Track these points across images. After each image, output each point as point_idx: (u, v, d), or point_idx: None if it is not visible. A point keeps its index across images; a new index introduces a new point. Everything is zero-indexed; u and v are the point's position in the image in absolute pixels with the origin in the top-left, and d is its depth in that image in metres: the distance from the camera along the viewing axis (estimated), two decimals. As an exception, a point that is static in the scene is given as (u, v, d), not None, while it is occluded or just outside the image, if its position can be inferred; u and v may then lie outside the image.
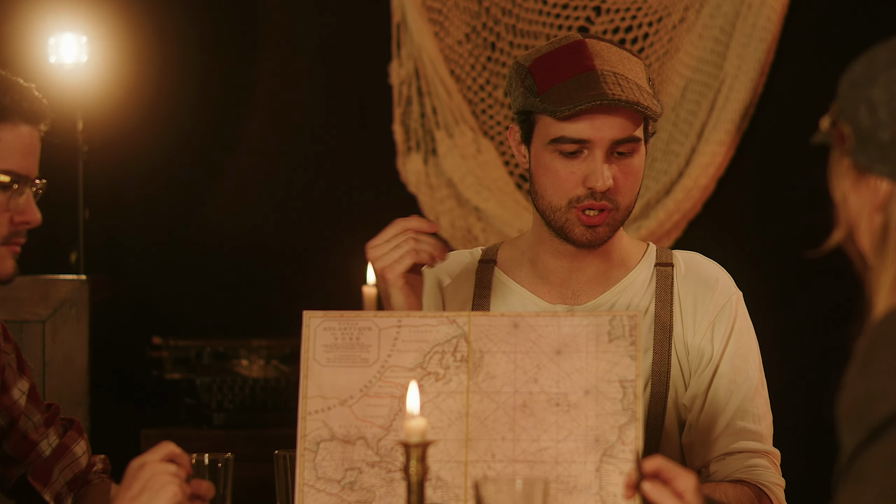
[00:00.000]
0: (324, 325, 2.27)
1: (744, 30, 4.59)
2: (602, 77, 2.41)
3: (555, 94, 2.42)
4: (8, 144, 2.28)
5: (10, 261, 2.32)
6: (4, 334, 2.49)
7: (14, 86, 2.31)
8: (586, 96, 2.39)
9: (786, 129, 4.60)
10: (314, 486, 2.22)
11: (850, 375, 1.53)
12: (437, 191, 4.84)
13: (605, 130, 2.41)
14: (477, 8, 4.84)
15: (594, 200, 2.43)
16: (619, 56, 2.47)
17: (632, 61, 2.47)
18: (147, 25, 4.96)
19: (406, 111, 4.88)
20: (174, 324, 4.87)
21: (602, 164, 2.42)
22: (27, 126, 2.30)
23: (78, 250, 4.65)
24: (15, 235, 2.31)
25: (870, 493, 1.47)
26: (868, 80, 1.60)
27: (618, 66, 2.44)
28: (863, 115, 1.60)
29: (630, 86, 2.41)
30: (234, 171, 5.03)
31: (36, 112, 2.31)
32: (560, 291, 2.55)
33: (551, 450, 2.16)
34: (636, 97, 2.40)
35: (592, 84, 2.40)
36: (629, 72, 2.45)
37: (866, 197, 1.62)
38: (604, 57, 2.45)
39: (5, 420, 2.47)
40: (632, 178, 2.46)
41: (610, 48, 2.47)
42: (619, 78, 2.42)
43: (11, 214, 2.30)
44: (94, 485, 2.53)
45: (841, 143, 1.63)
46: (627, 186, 2.45)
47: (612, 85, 2.40)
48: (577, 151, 2.43)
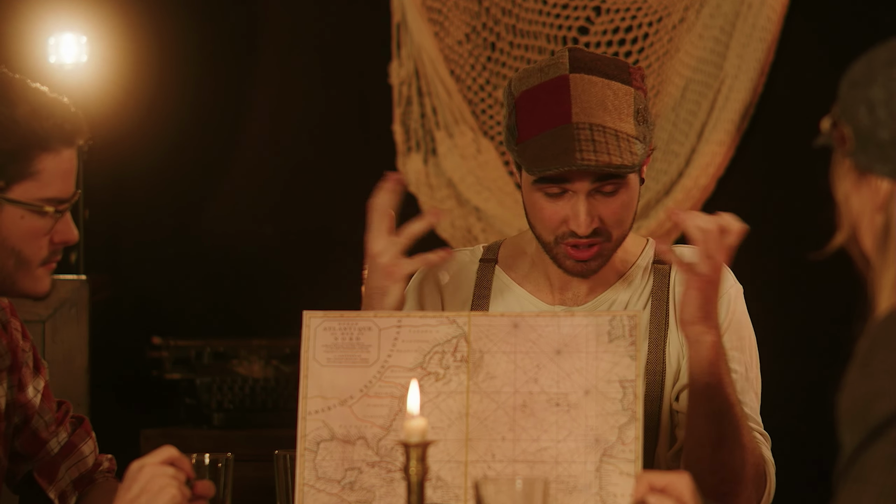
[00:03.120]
0: (324, 325, 2.27)
1: (744, 30, 4.59)
2: (577, 133, 2.37)
3: (530, 150, 2.40)
4: (51, 173, 2.28)
5: (47, 279, 2.34)
6: (23, 333, 2.50)
7: (56, 108, 2.29)
8: (556, 161, 2.36)
9: (786, 129, 4.60)
10: (314, 486, 2.22)
11: (851, 375, 1.53)
12: (437, 191, 4.84)
13: (584, 177, 2.40)
14: (477, 8, 4.84)
15: (580, 238, 2.43)
16: (603, 92, 2.41)
17: (618, 94, 2.42)
18: (147, 25, 4.96)
19: (406, 111, 4.89)
20: (174, 324, 4.87)
21: (582, 208, 2.40)
22: (68, 150, 2.30)
23: (78, 250, 4.65)
24: (53, 255, 2.33)
25: (870, 493, 1.47)
26: (867, 80, 1.60)
27: (597, 110, 2.39)
28: (862, 114, 1.60)
29: (607, 139, 2.37)
30: (234, 171, 5.03)
31: (76, 132, 2.31)
32: (560, 294, 2.54)
33: (551, 450, 2.16)
34: (607, 157, 2.35)
35: (565, 143, 2.36)
36: (611, 114, 2.40)
37: (867, 197, 1.62)
38: (584, 101, 2.40)
39: (20, 418, 2.49)
40: (622, 211, 2.43)
41: (593, 84, 2.42)
42: (596, 131, 2.38)
43: (51, 236, 2.31)
44: (98, 484, 2.54)
45: (842, 145, 1.63)
46: (617, 220, 2.44)
47: (585, 143, 2.36)
48: (561, 192, 2.42)
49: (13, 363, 2.45)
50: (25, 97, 2.27)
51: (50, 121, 2.27)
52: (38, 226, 2.29)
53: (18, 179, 2.26)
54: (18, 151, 2.24)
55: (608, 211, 2.42)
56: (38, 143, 2.26)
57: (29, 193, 2.27)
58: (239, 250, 5.01)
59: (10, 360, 2.44)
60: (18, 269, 2.30)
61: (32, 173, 2.26)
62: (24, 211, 2.27)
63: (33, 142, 2.26)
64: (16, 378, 2.46)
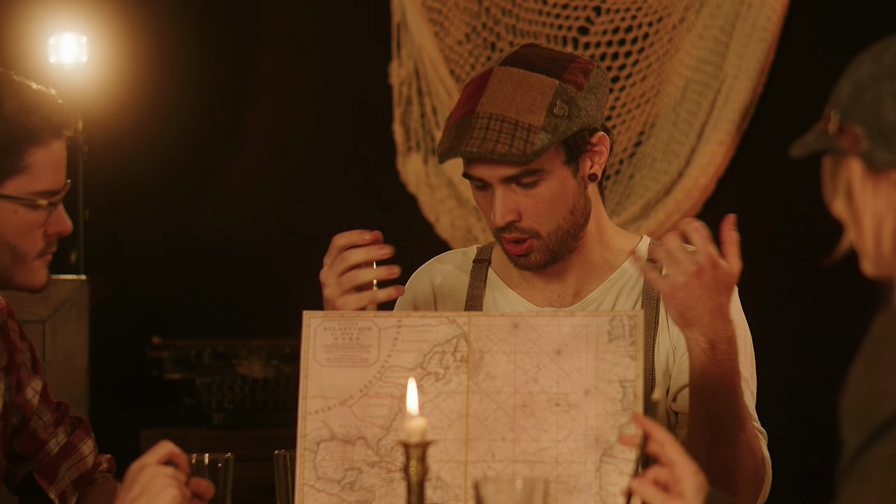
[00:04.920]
0: (324, 325, 2.27)
1: (744, 30, 4.59)
2: (474, 122, 2.39)
3: (442, 137, 2.44)
4: (42, 166, 2.29)
5: (44, 271, 2.35)
6: (21, 333, 2.50)
7: (43, 101, 2.29)
8: (448, 149, 2.39)
9: (786, 129, 4.57)
10: (314, 486, 2.22)
11: (854, 374, 1.52)
12: (437, 191, 4.84)
13: (492, 170, 2.41)
14: (477, 8, 4.84)
15: (506, 233, 2.45)
16: (518, 83, 2.42)
17: (534, 86, 2.41)
18: (147, 25, 4.96)
19: (406, 111, 4.89)
20: (174, 324, 4.87)
21: (498, 201, 2.42)
22: (57, 141, 2.31)
23: (78, 250, 4.65)
24: (48, 246, 2.33)
25: (872, 492, 1.47)
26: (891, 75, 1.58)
27: (502, 101, 2.40)
28: (889, 109, 1.57)
29: (502, 127, 2.38)
30: (234, 170, 5.03)
31: (64, 123, 2.32)
32: (546, 294, 2.54)
33: (551, 450, 2.16)
34: (492, 145, 2.36)
35: (461, 132, 2.39)
36: (517, 105, 2.40)
37: (888, 195, 1.60)
38: (494, 92, 2.41)
39: (18, 419, 2.48)
40: (543, 205, 2.42)
41: (510, 76, 2.43)
42: (493, 120, 2.38)
43: (45, 228, 2.32)
44: (98, 484, 2.54)
45: (855, 146, 1.61)
46: (539, 214, 2.43)
47: (477, 131, 2.37)
48: (483, 185, 2.44)
49: (10, 363, 2.45)
50: (12, 92, 2.27)
51: (38, 114, 2.27)
52: (32, 219, 2.29)
53: (10, 174, 2.26)
54: (8, 146, 2.25)
55: (529, 204, 2.42)
56: (28, 137, 2.26)
57: (21, 188, 2.27)
58: (239, 250, 5.01)
59: (7, 361, 2.44)
60: (15, 264, 2.30)
61: (23, 167, 2.27)
62: (18, 205, 2.28)
63: (23, 136, 2.26)
64: (13, 379, 2.46)
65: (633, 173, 4.70)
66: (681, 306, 2.22)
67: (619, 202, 4.67)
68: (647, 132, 4.71)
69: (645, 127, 4.71)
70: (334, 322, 2.27)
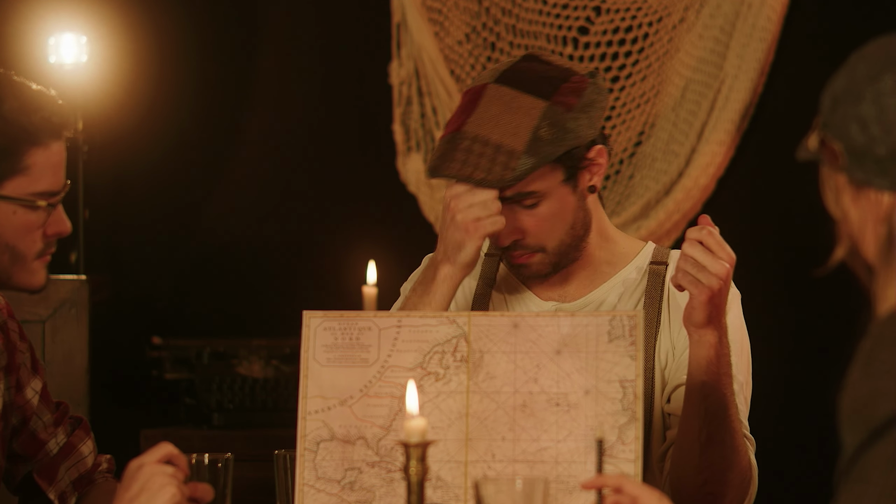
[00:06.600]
0: (324, 325, 2.27)
1: (744, 30, 4.59)
2: (458, 143, 2.40)
3: (434, 151, 2.46)
4: (41, 167, 2.29)
5: (43, 272, 2.35)
6: (20, 333, 2.50)
7: (43, 102, 2.29)
8: (433, 168, 2.42)
9: (786, 129, 4.59)
10: (314, 486, 2.22)
11: (853, 375, 1.52)
12: (437, 191, 4.84)
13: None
14: (477, 8, 4.84)
15: (512, 251, 2.48)
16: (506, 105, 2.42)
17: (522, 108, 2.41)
18: (147, 25, 4.96)
19: (406, 111, 4.88)
20: (174, 324, 4.87)
21: None
22: (57, 142, 2.31)
23: (78, 250, 4.65)
24: (47, 247, 2.33)
25: (871, 493, 1.47)
26: (854, 97, 1.59)
27: (488, 123, 2.41)
28: (855, 132, 1.59)
29: (484, 151, 2.39)
30: (234, 170, 5.03)
31: (64, 124, 2.32)
32: (550, 290, 2.56)
33: (551, 450, 2.16)
34: (471, 170, 2.38)
35: (446, 152, 2.41)
36: (501, 127, 2.40)
37: (867, 209, 1.61)
38: (483, 112, 2.42)
39: (17, 419, 2.49)
40: (545, 224, 2.45)
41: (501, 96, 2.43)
42: (477, 142, 2.39)
43: (44, 229, 2.32)
44: (97, 484, 2.54)
45: (834, 161, 1.62)
46: (542, 232, 2.46)
47: (459, 153, 2.39)
48: None
49: (10, 364, 2.45)
50: (11, 93, 2.27)
51: (38, 115, 2.27)
52: (31, 220, 2.29)
53: (9, 175, 2.26)
54: (8, 147, 2.25)
55: (531, 223, 2.45)
56: (28, 138, 2.26)
57: (20, 189, 2.28)
58: (239, 250, 5.01)
59: (7, 361, 2.44)
60: (14, 264, 2.30)
61: (23, 168, 2.27)
62: (17, 206, 2.28)
63: (22, 137, 2.26)
64: (13, 379, 2.46)
65: (633, 173, 4.71)
66: (714, 309, 2.27)
67: (619, 202, 4.67)
68: (647, 132, 4.71)
69: (645, 127, 4.71)
70: (334, 322, 2.27)
